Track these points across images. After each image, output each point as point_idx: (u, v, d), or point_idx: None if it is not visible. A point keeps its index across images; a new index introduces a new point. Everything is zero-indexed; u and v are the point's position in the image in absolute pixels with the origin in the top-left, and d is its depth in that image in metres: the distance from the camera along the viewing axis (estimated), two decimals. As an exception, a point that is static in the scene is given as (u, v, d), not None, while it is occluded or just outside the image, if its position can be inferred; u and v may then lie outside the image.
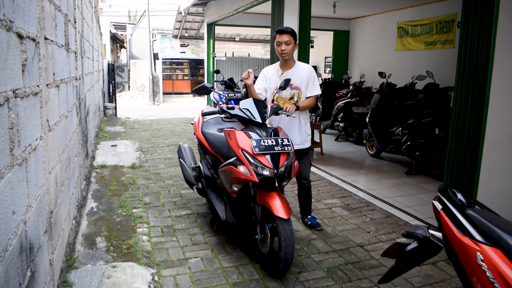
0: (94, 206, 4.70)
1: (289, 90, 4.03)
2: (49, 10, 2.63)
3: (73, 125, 3.94)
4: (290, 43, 3.92)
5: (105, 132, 9.83)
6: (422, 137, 6.37)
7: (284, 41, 3.91)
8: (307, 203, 4.31)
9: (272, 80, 4.11)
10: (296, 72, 4.05)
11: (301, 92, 4.06)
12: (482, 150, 3.62)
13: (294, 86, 4.03)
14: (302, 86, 4.05)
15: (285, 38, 3.91)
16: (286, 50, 3.92)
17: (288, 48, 3.92)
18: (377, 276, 3.29)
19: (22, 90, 1.80)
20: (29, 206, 1.90)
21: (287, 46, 3.92)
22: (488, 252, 1.65)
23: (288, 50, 3.93)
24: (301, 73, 4.05)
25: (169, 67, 23.32)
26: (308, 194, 4.28)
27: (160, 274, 3.28)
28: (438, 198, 2.06)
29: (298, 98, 4.07)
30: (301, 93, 4.06)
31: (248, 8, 9.77)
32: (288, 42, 3.91)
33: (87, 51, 5.99)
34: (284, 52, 3.93)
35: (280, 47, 3.94)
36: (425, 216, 4.64)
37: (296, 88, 4.04)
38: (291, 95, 4.06)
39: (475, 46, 3.63)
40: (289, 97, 4.06)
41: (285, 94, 4.05)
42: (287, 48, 3.92)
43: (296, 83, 4.02)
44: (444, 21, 9.40)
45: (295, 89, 4.04)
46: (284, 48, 3.92)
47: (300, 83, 4.04)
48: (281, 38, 3.92)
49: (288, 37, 3.92)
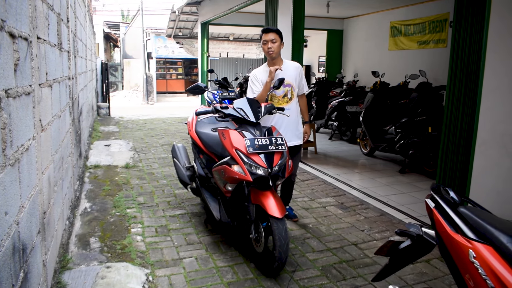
0: (87, 206, 4.68)
1: (282, 88, 4.05)
2: (42, 9, 2.61)
3: (66, 125, 3.92)
4: (276, 41, 3.98)
5: (98, 131, 9.79)
6: (415, 135, 6.41)
7: (270, 39, 3.97)
8: (289, 194, 4.41)
9: (263, 81, 4.11)
10: (286, 69, 4.09)
11: (293, 89, 4.12)
12: (474, 148, 3.65)
13: (286, 83, 4.05)
14: (294, 83, 4.11)
15: (270, 36, 3.97)
16: (273, 47, 3.98)
17: (275, 46, 3.98)
18: (371, 274, 3.30)
19: (14, 89, 1.79)
20: (22, 207, 1.89)
21: (273, 44, 3.98)
22: (480, 250, 1.67)
23: (275, 47, 3.98)
24: (291, 70, 4.12)
25: (163, 66, 23.23)
26: (291, 187, 4.40)
27: (155, 274, 3.28)
28: (431, 196, 2.07)
29: (291, 95, 4.11)
30: (293, 89, 4.12)
31: (242, 7, 9.77)
32: (274, 40, 3.97)
33: (80, 50, 5.96)
34: (271, 50, 3.99)
35: (266, 46, 4.00)
36: (419, 214, 4.66)
37: (289, 86, 4.08)
38: (284, 92, 4.09)
39: (467, 45, 3.66)
40: (283, 95, 4.09)
41: (278, 92, 4.07)
42: (273, 46, 3.98)
43: (288, 80, 4.06)
44: (436, 21, 9.45)
45: (288, 86, 4.08)
46: (270, 46, 3.98)
47: (292, 80, 4.10)
48: (267, 36, 3.98)
49: (273, 35, 3.98)
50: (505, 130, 3.43)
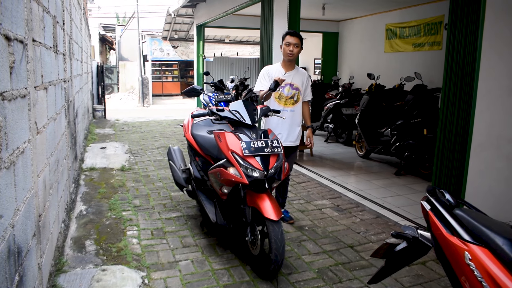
0: (83, 209, 4.67)
1: (290, 90, 4.24)
2: (37, 12, 2.61)
3: (61, 127, 3.91)
4: (298, 46, 4.16)
5: (94, 134, 9.75)
6: (410, 138, 6.43)
7: (294, 43, 4.12)
8: (283, 196, 4.45)
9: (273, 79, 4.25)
10: (297, 73, 4.29)
11: (300, 93, 4.29)
12: (470, 150, 3.67)
13: (295, 86, 4.25)
14: (302, 88, 4.28)
15: (295, 40, 4.13)
16: (294, 51, 4.15)
17: (296, 50, 4.15)
18: (367, 277, 3.31)
19: (9, 92, 1.78)
20: (17, 210, 1.88)
21: (296, 48, 4.14)
22: (476, 252, 1.67)
23: (295, 52, 4.16)
24: (301, 76, 4.30)
25: (158, 68, 23.19)
26: (286, 187, 4.45)
27: (150, 277, 3.27)
28: (427, 198, 2.07)
29: (298, 98, 4.27)
30: (300, 94, 4.29)
31: (238, 10, 9.78)
32: (297, 45, 4.14)
33: (75, 53, 5.94)
34: (292, 53, 4.15)
35: (289, 48, 4.13)
36: (414, 216, 4.68)
37: (297, 89, 4.26)
38: (291, 94, 4.25)
39: (462, 48, 3.68)
40: (290, 96, 4.25)
41: (287, 92, 4.24)
42: (295, 50, 4.14)
43: (297, 84, 4.25)
44: (431, 23, 9.49)
45: (296, 90, 4.25)
46: (292, 49, 4.13)
47: (300, 85, 4.27)
48: (292, 39, 4.13)
49: (298, 40, 4.14)
50: (500, 132, 3.44)
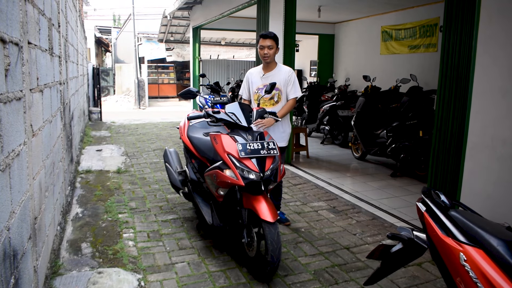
0: (79, 212, 4.65)
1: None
2: (33, 14, 2.60)
3: (57, 130, 3.90)
4: (273, 47, 4.11)
5: (90, 136, 9.73)
6: (406, 139, 6.45)
7: (267, 45, 4.09)
8: (277, 197, 4.42)
9: (254, 82, 4.33)
10: (277, 73, 4.22)
11: (281, 92, 4.23)
12: (465, 151, 3.68)
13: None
14: (282, 87, 4.21)
15: (268, 42, 4.09)
16: (269, 54, 4.11)
17: (270, 52, 4.11)
18: (363, 278, 3.31)
19: (5, 95, 1.77)
20: (13, 213, 1.88)
21: (270, 50, 4.11)
22: (471, 253, 1.68)
23: (270, 54, 4.12)
24: (281, 75, 4.21)
25: (154, 71, 23.19)
26: (279, 189, 4.41)
27: (147, 279, 3.26)
28: (422, 200, 2.08)
29: (279, 98, 4.24)
30: (281, 93, 4.23)
31: (234, 12, 9.80)
32: (271, 47, 4.10)
33: (71, 55, 5.93)
34: (267, 56, 4.13)
35: (263, 51, 4.12)
36: (410, 217, 4.69)
37: (277, 89, 4.19)
38: (271, 95, 4.20)
39: (457, 50, 3.70)
40: (269, 97, 4.23)
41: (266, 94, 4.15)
42: (269, 52, 4.11)
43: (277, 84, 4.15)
44: (427, 25, 9.54)
45: (276, 90, 4.18)
46: (266, 52, 4.11)
47: (280, 84, 4.19)
48: (264, 42, 4.10)
49: (270, 42, 4.09)
50: (495, 134, 3.46)
